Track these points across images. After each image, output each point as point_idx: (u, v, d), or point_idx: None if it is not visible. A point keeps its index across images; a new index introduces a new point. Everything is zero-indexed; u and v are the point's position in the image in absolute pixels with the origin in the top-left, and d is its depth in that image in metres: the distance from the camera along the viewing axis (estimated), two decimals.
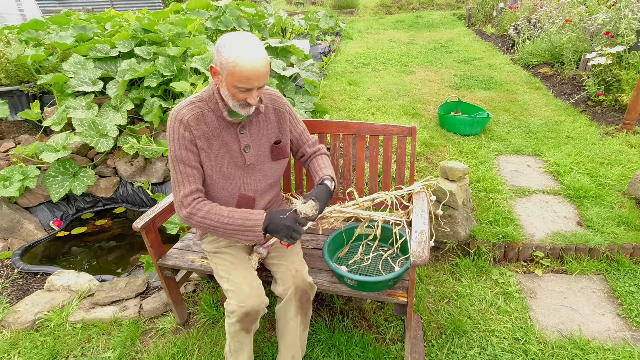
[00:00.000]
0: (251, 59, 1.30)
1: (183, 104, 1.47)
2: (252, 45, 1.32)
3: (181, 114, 1.44)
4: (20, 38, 3.78)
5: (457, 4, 11.90)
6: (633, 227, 2.40)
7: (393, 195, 1.77)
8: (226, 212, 1.44)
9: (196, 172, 1.47)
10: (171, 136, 1.45)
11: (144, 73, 3.16)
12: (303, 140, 1.75)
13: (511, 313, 2.02)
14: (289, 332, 1.58)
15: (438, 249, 2.43)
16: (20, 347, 1.96)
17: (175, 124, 1.44)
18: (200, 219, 1.44)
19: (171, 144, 1.46)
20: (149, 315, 2.10)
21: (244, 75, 1.31)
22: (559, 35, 5.43)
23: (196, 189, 1.46)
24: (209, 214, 1.43)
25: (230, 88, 1.36)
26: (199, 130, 1.46)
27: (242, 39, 1.32)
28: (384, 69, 5.90)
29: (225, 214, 1.43)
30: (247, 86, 1.34)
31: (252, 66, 1.30)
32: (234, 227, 1.42)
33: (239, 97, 1.38)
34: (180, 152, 1.44)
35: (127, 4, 11.08)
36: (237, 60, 1.29)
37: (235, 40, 1.32)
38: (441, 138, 3.58)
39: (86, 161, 3.16)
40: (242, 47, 1.30)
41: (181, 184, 1.46)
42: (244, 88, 1.35)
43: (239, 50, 1.30)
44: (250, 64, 1.30)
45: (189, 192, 1.45)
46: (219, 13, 4.76)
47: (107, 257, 2.75)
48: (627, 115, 3.53)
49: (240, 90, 1.35)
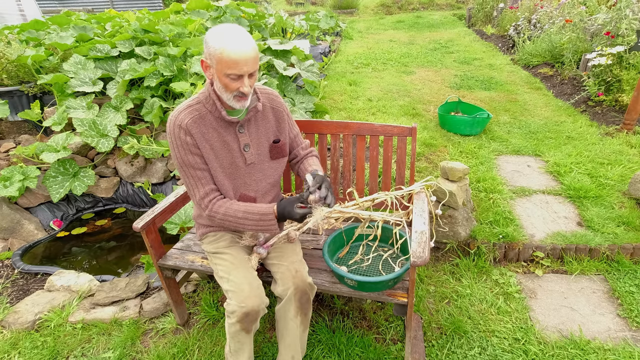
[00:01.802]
0: (237, 43, 1.32)
1: (180, 108, 1.48)
2: (237, 31, 1.35)
3: (179, 118, 1.45)
4: (20, 38, 3.78)
5: (457, 4, 11.90)
6: (633, 227, 2.40)
7: (393, 195, 1.77)
8: (241, 213, 1.50)
9: (206, 173, 1.51)
10: (173, 142, 1.47)
11: (144, 73, 3.16)
12: (297, 142, 1.77)
13: (511, 313, 2.02)
14: (289, 332, 1.58)
15: (438, 249, 2.43)
16: (20, 347, 1.96)
17: (175, 129, 1.45)
18: (219, 221, 1.53)
19: (175, 150, 1.48)
20: (149, 315, 2.10)
21: (232, 60, 1.32)
22: (559, 35, 5.43)
23: (210, 190, 1.52)
24: (226, 215, 1.51)
25: (221, 78, 1.37)
26: (199, 132, 1.46)
27: (227, 28, 1.35)
28: (384, 69, 5.90)
29: (240, 216, 1.50)
30: (237, 72, 1.34)
31: (239, 49, 1.32)
32: (251, 227, 1.51)
33: (232, 87, 1.38)
34: (186, 157, 1.47)
35: (127, 4, 11.08)
36: (223, 46, 1.31)
37: (220, 29, 1.35)
38: (441, 138, 3.58)
39: (86, 161, 3.16)
40: (227, 34, 1.33)
41: (195, 187, 1.52)
42: (235, 75, 1.35)
43: (224, 37, 1.32)
44: (238, 47, 1.32)
45: (203, 194, 1.51)
46: (219, 13, 4.76)
47: (107, 257, 2.75)
48: (627, 115, 3.53)
49: (231, 78, 1.36)
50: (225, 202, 1.53)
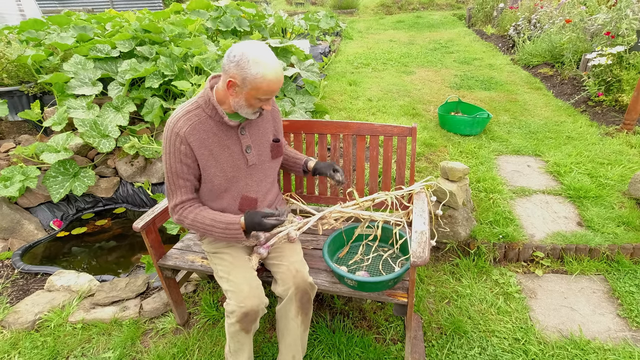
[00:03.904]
0: (276, 74, 1.37)
1: (179, 113, 1.48)
2: (273, 58, 1.38)
3: (177, 126, 1.45)
4: (20, 38, 3.78)
5: (457, 4, 11.90)
6: (633, 227, 2.40)
7: (393, 195, 1.77)
8: (209, 220, 1.52)
9: (188, 183, 1.54)
10: (167, 148, 1.48)
11: (144, 73, 3.16)
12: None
13: (511, 313, 2.02)
14: (289, 332, 1.58)
15: (438, 249, 2.43)
16: (20, 347, 1.96)
17: (172, 136, 1.46)
18: (188, 226, 1.57)
19: (166, 156, 1.49)
20: (149, 315, 2.10)
21: (271, 89, 1.38)
22: (559, 35, 5.43)
23: (186, 199, 1.56)
24: (194, 221, 1.54)
25: (250, 99, 1.41)
26: (198, 140, 1.47)
27: (264, 53, 1.36)
28: (384, 69, 5.90)
29: (208, 223, 1.52)
30: (270, 97, 1.41)
31: (277, 79, 1.38)
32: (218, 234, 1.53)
33: (257, 106, 1.44)
34: (175, 165, 1.49)
35: (127, 4, 11.08)
36: (264, 76, 1.34)
37: (258, 55, 1.35)
38: (441, 138, 3.58)
39: (86, 161, 3.16)
40: (267, 62, 1.35)
41: (173, 193, 1.55)
42: (266, 98, 1.41)
43: (265, 66, 1.35)
44: (277, 78, 1.37)
45: (179, 202, 1.55)
46: (219, 13, 4.76)
47: (107, 257, 2.75)
48: (627, 115, 3.53)
49: (261, 100, 1.41)
50: (195, 208, 1.55)
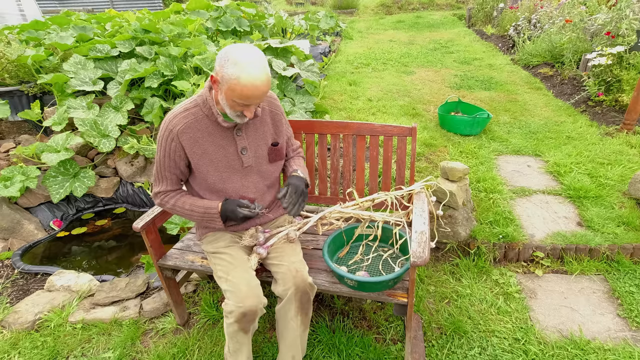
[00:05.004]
0: (253, 80, 1.31)
1: (177, 110, 1.50)
2: (256, 64, 1.32)
3: (172, 123, 1.48)
4: (20, 38, 3.78)
5: (457, 4, 11.90)
6: (633, 227, 2.40)
7: (393, 195, 1.77)
8: (188, 205, 1.59)
9: (174, 176, 1.59)
10: (160, 141, 1.52)
11: (144, 73, 3.16)
12: (289, 143, 1.83)
13: (511, 313, 2.02)
14: (289, 332, 1.58)
15: (438, 249, 2.43)
16: (20, 347, 1.96)
17: (165, 132, 1.49)
18: (168, 209, 1.64)
19: (159, 147, 1.54)
20: (149, 315, 2.10)
21: (244, 94, 1.33)
22: (559, 35, 5.43)
23: (170, 189, 1.61)
24: (174, 206, 1.60)
25: (228, 100, 1.39)
26: (191, 139, 1.49)
27: (247, 57, 1.31)
28: (384, 69, 5.90)
29: (187, 208, 1.59)
30: (246, 102, 1.37)
31: (253, 86, 1.32)
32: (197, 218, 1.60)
33: (236, 109, 1.42)
34: (164, 158, 1.54)
35: (127, 4, 11.08)
36: (239, 79, 1.30)
37: (240, 56, 1.31)
38: (441, 138, 3.58)
39: (86, 161, 3.16)
40: (245, 66, 1.30)
41: (159, 181, 1.61)
42: (242, 103, 1.38)
43: (242, 68, 1.30)
44: (252, 84, 1.31)
45: (162, 190, 1.60)
46: (219, 13, 4.76)
47: (107, 257, 2.75)
48: (627, 115, 3.53)
49: (238, 104, 1.39)
50: (176, 195, 1.60)
